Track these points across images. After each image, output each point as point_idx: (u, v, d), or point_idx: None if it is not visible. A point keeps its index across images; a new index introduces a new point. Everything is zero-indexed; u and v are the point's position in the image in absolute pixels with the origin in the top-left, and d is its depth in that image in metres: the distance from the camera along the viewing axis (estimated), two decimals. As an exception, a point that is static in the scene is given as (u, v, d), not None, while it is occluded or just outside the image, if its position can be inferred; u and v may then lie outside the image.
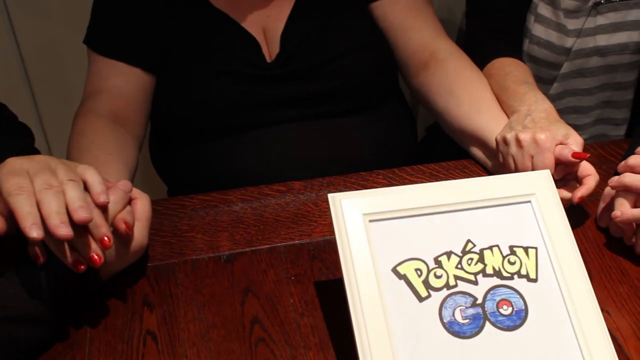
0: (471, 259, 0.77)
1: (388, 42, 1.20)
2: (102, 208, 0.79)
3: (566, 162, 0.93)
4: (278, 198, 1.01)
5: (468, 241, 0.78)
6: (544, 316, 0.76)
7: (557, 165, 0.93)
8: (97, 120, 1.06)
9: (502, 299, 0.76)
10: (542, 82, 1.25)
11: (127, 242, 0.84)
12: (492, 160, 1.05)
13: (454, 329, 0.73)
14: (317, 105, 1.14)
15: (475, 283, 0.76)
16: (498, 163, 1.01)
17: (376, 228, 0.76)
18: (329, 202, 0.76)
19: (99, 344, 0.81)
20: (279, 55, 1.12)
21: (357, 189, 0.79)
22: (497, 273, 0.77)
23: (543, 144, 0.93)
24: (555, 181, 0.93)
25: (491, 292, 0.76)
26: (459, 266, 0.76)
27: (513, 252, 0.78)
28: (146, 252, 0.90)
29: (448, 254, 0.77)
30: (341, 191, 0.78)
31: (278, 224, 0.96)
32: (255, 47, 1.12)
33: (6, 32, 1.58)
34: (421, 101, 1.21)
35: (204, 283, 0.88)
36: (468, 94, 1.10)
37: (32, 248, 0.76)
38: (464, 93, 1.11)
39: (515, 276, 0.77)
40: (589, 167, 0.94)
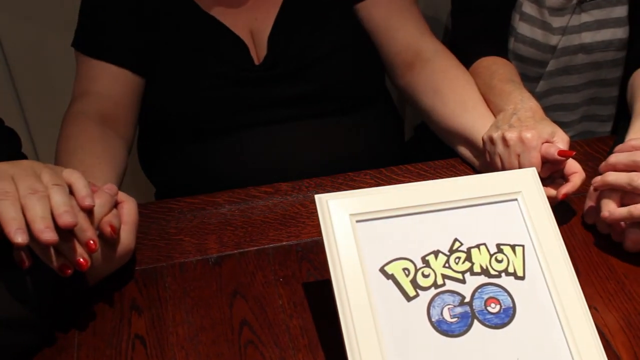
0: (458, 258, 0.77)
1: (374, 43, 1.20)
2: (88, 212, 0.79)
3: (552, 160, 0.93)
4: (266, 200, 1.01)
5: (455, 240, 0.78)
6: (532, 313, 0.76)
7: (544, 163, 0.94)
8: (86, 122, 1.05)
9: (490, 297, 0.76)
10: (529, 80, 1.25)
11: (114, 246, 0.84)
12: (480, 159, 1.05)
13: (443, 328, 0.74)
14: (305, 106, 1.14)
15: (463, 282, 0.76)
16: (485, 162, 1.02)
17: (363, 228, 0.76)
18: (316, 203, 0.76)
19: (87, 349, 0.80)
20: (267, 57, 1.13)
21: (345, 190, 0.79)
22: (485, 271, 0.77)
23: (529, 143, 0.93)
24: (542, 179, 0.93)
25: (479, 291, 0.76)
26: (447, 265, 0.77)
27: (500, 250, 0.79)
28: (134, 256, 0.90)
29: (435, 253, 0.77)
30: (329, 192, 0.78)
31: (266, 226, 0.96)
32: (243, 50, 1.12)
33: (-9, 37, 1.58)
34: (408, 101, 1.22)
35: (192, 286, 0.88)
36: (454, 93, 1.11)
37: (18, 253, 0.76)
38: (451, 92, 1.11)
39: (502, 274, 0.77)
40: (575, 165, 0.94)
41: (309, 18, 1.15)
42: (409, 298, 0.74)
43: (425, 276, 0.76)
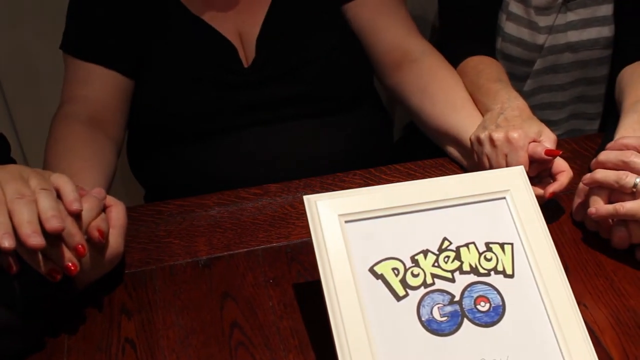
0: (448, 257, 0.77)
1: (362, 43, 1.21)
2: (76, 216, 0.79)
3: (540, 160, 0.93)
4: (255, 201, 1.01)
5: (444, 239, 0.78)
6: (522, 311, 0.76)
7: (531, 162, 0.94)
8: (75, 125, 1.05)
9: (480, 296, 0.76)
10: (516, 79, 1.26)
11: (102, 250, 0.83)
12: (468, 158, 1.05)
13: (433, 327, 0.74)
14: (293, 108, 1.14)
15: (452, 281, 0.76)
16: (473, 162, 1.02)
17: (352, 229, 0.76)
18: (305, 204, 0.76)
19: (77, 354, 0.80)
20: (256, 59, 1.13)
21: (334, 190, 0.79)
22: (474, 270, 0.77)
23: (516, 143, 0.93)
24: (530, 178, 0.94)
25: (468, 289, 0.76)
26: (436, 264, 0.77)
27: (489, 249, 0.79)
28: (123, 260, 0.89)
29: (425, 253, 0.77)
30: (318, 192, 0.78)
31: (255, 227, 0.96)
32: (231, 52, 1.12)
33: (-23, 40, 1.57)
34: (396, 101, 1.22)
35: (182, 289, 0.88)
36: (442, 93, 1.11)
37: (5, 258, 0.75)
38: (439, 92, 1.11)
39: (491, 272, 0.78)
40: (563, 164, 0.95)
41: (297, 19, 1.15)
42: (399, 298, 0.74)
43: (414, 275, 0.76)
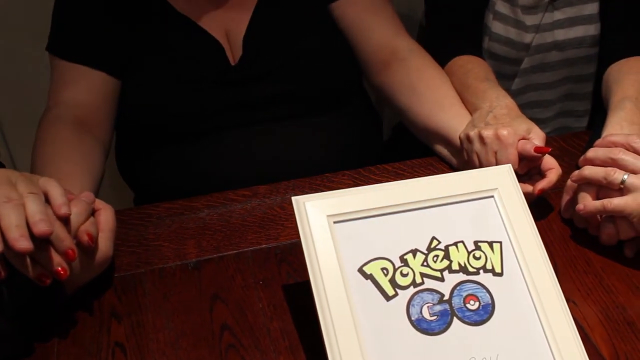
0: (437, 256, 0.77)
1: (349, 42, 1.21)
2: (65, 220, 0.78)
3: (529, 157, 0.94)
4: (244, 203, 1.01)
5: (433, 238, 0.78)
6: (511, 309, 0.76)
7: (521, 160, 0.94)
8: (62, 128, 1.04)
9: (469, 294, 0.76)
10: (504, 78, 1.26)
11: (92, 254, 0.83)
12: (457, 157, 1.06)
13: (422, 326, 0.74)
14: (282, 106, 1.14)
15: (441, 280, 0.77)
16: (463, 160, 1.02)
17: (341, 229, 0.76)
18: (293, 205, 0.76)
19: (67, 358, 0.80)
20: (242, 58, 1.12)
21: (323, 191, 0.79)
22: (463, 269, 0.77)
23: (505, 140, 0.94)
24: (519, 176, 0.94)
25: (458, 288, 0.76)
26: (425, 263, 0.77)
27: (478, 247, 0.79)
28: (112, 263, 0.89)
29: (413, 252, 0.77)
30: (307, 193, 0.78)
31: (245, 229, 0.96)
32: (218, 51, 1.12)
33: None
34: (385, 100, 1.22)
35: (172, 291, 0.87)
36: (430, 92, 1.11)
37: (-7, 263, 0.75)
38: (427, 91, 1.11)
39: (480, 271, 0.78)
40: (552, 161, 0.95)
41: (285, 18, 1.15)
42: (388, 297, 0.74)
43: (403, 275, 0.76)
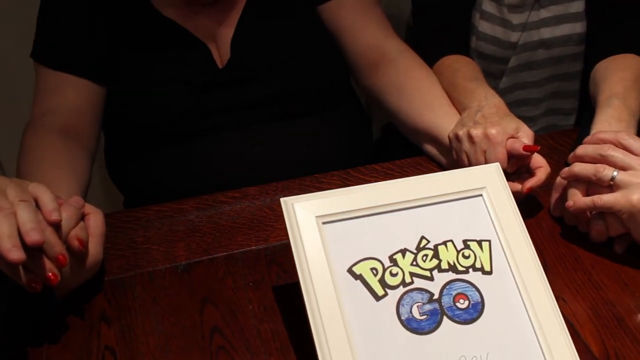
0: (426, 255, 0.78)
1: (337, 44, 1.21)
2: (55, 226, 0.78)
3: (518, 155, 0.94)
4: (233, 205, 1.01)
5: (422, 238, 0.78)
6: (500, 307, 0.76)
7: (510, 158, 0.95)
8: (48, 135, 1.04)
9: (459, 293, 0.77)
10: (491, 77, 1.27)
11: (82, 259, 0.83)
12: (447, 157, 1.06)
13: (412, 326, 0.74)
14: (270, 108, 1.14)
15: (431, 279, 0.77)
16: (452, 159, 1.02)
17: (330, 230, 0.76)
18: (282, 207, 0.76)
19: (57, 363, 0.80)
20: (230, 61, 1.12)
21: (313, 192, 0.79)
22: (452, 268, 0.78)
23: (494, 139, 0.94)
24: (509, 174, 0.95)
25: (447, 287, 0.77)
26: (414, 263, 0.77)
27: (467, 246, 0.79)
28: (102, 267, 0.89)
29: (403, 252, 0.77)
30: (296, 194, 0.78)
31: (234, 231, 0.96)
32: (206, 54, 1.12)
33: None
34: (374, 101, 1.22)
35: (162, 294, 0.87)
36: (419, 93, 1.11)
37: (-17, 270, 0.75)
38: (415, 92, 1.12)
39: (470, 270, 0.78)
40: (540, 159, 0.95)
41: (272, 20, 1.15)
42: (378, 297, 0.74)
43: (393, 275, 0.76)
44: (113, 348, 0.81)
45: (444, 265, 0.78)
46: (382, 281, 0.75)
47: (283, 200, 0.77)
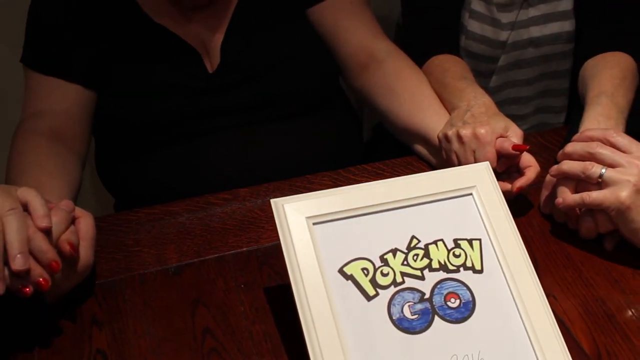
0: (417, 255, 0.78)
1: (327, 46, 1.21)
2: (46, 231, 0.78)
3: (507, 155, 0.94)
4: (224, 206, 1.00)
5: (413, 237, 0.79)
6: (491, 306, 0.77)
7: (499, 158, 0.95)
8: (37, 139, 1.04)
9: (450, 292, 0.77)
10: (481, 76, 1.27)
11: (73, 263, 0.83)
12: (436, 157, 1.06)
13: (404, 325, 0.74)
14: (261, 111, 1.14)
15: (422, 278, 0.77)
16: (442, 159, 1.03)
17: (320, 230, 0.76)
18: (272, 208, 0.76)
19: (48, 367, 0.79)
20: (220, 65, 1.12)
21: (304, 192, 0.79)
22: (443, 267, 0.78)
23: (483, 138, 0.94)
24: (498, 174, 0.95)
25: (438, 286, 0.77)
26: (405, 263, 0.77)
27: (458, 245, 0.79)
28: (92, 270, 0.88)
29: (393, 252, 0.77)
30: (287, 196, 0.78)
31: (225, 233, 0.96)
32: (196, 59, 1.12)
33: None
34: (364, 102, 1.22)
35: (153, 297, 0.87)
36: (409, 93, 1.12)
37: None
38: (405, 92, 1.12)
39: (461, 269, 0.78)
40: (530, 159, 0.96)
41: (262, 24, 1.15)
42: (369, 297, 0.75)
43: (384, 275, 0.76)
44: (104, 352, 0.81)
45: (435, 264, 0.78)
46: (373, 281, 0.75)
47: (273, 201, 0.77)
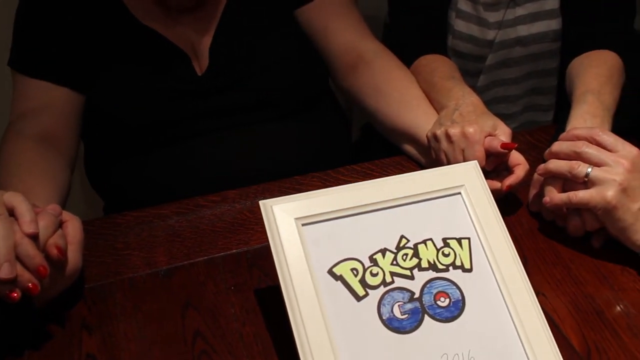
0: (406, 255, 0.78)
1: (315, 47, 1.21)
2: (33, 236, 0.78)
3: (496, 153, 0.95)
4: (213, 209, 1.00)
5: (402, 237, 0.79)
6: (481, 304, 0.77)
7: (488, 156, 0.95)
8: (25, 142, 1.03)
9: (439, 291, 0.77)
10: (469, 75, 1.27)
11: (61, 267, 0.82)
12: (425, 156, 1.06)
13: (394, 325, 0.74)
14: (250, 114, 1.14)
15: (411, 278, 0.77)
16: (431, 159, 1.03)
17: (309, 231, 0.76)
18: (261, 209, 0.76)
19: (38, 372, 0.79)
20: (209, 68, 1.12)
21: (293, 194, 0.79)
22: (433, 266, 0.78)
23: (472, 137, 0.94)
24: (488, 172, 0.95)
25: (428, 286, 0.77)
26: (395, 262, 0.77)
27: (447, 244, 0.79)
28: (81, 274, 0.88)
29: (383, 252, 0.77)
30: (276, 197, 0.78)
31: (215, 235, 0.96)
32: (185, 62, 1.12)
33: None
34: (352, 102, 1.22)
35: (143, 300, 0.87)
36: (397, 93, 1.12)
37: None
38: (393, 92, 1.12)
39: (450, 268, 0.78)
40: (519, 157, 0.96)
41: (250, 26, 1.15)
42: (359, 298, 0.75)
43: (373, 275, 0.76)
44: (94, 356, 0.80)
45: (424, 263, 0.78)
46: (363, 281, 0.75)
47: (262, 203, 0.77)
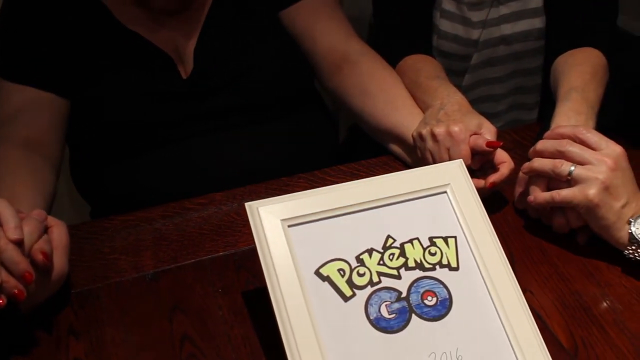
0: (392, 254, 0.78)
1: (300, 48, 1.21)
2: (18, 242, 0.77)
3: (481, 152, 0.95)
4: (200, 211, 1.00)
5: (388, 237, 0.79)
6: (468, 303, 0.77)
7: (474, 155, 0.95)
8: (10, 148, 1.03)
9: (426, 290, 0.77)
10: (454, 75, 1.28)
11: (47, 272, 0.82)
12: (411, 155, 1.06)
13: (381, 325, 0.74)
14: (236, 116, 1.14)
15: (398, 277, 0.77)
16: (417, 158, 1.03)
17: (296, 233, 0.76)
18: (247, 211, 0.76)
19: (25, 378, 0.78)
20: (194, 71, 1.12)
21: (280, 195, 0.79)
22: (419, 265, 0.78)
23: (457, 136, 0.95)
24: (474, 171, 0.95)
25: (415, 285, 0.77)
26: (381, 262, 0.77)
27: (433, 243, 0.80)
28: (68, 279, 0.87)
29: (369, 252, 0.77)
30: (263, 199, 0.78)
31: (202, 238, 0.95)
32: (169, 65, 1.12)
33: None
34: (339, 103, 1.22)
35: (130, 304, 0.86)
36: (383, 93, 1.12)
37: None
38: (379, 92, 1.12)
39: (437, 267, 0.78)
40: (504, 155, 0.96)
41: (235, 29, 1.15)
42: (346, 298, 0.75)
43: (360, 275, 0.76)
44: (82, 361, 0.80)
45: (411, 263, 0.78)
46: (350, 282, 0.75)
47: (248, 204, 0.77)
